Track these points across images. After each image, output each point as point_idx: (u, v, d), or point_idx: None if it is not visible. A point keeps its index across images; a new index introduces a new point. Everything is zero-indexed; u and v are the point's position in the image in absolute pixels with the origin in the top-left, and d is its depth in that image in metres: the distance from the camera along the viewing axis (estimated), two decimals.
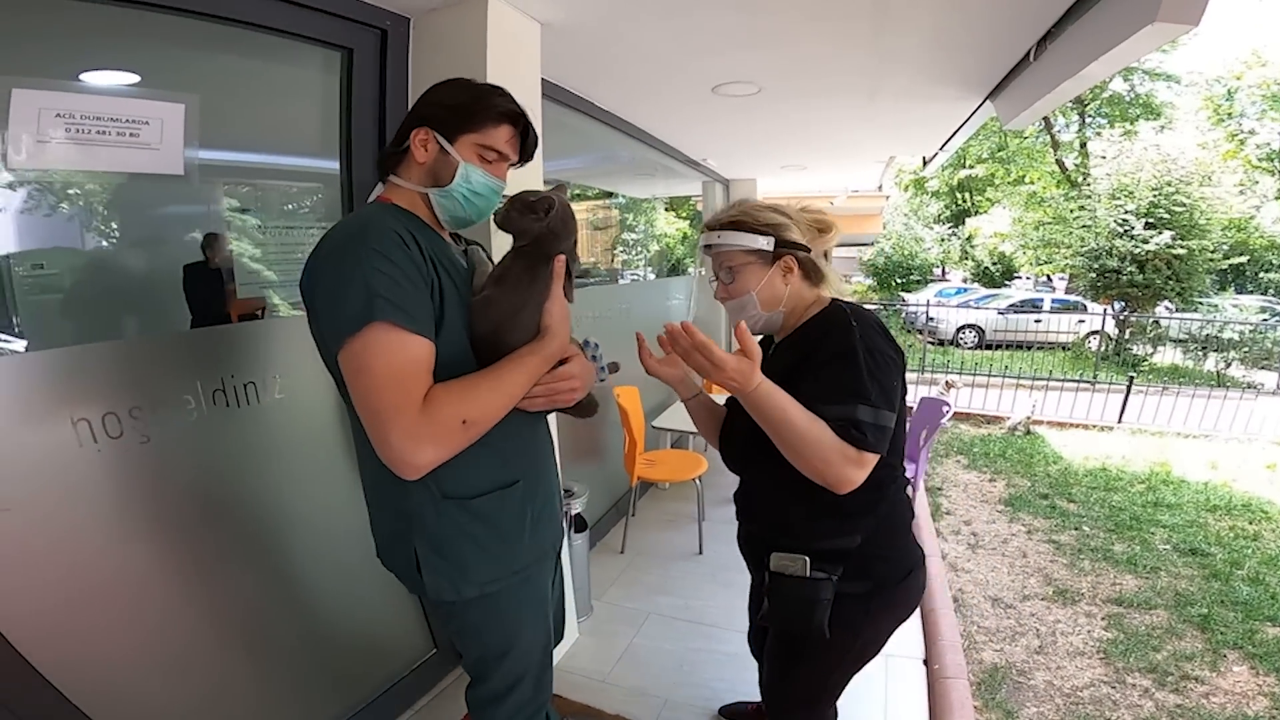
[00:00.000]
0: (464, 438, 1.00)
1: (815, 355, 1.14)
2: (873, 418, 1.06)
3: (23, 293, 1.25)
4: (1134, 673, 2.45)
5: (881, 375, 1.09)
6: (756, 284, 1.20)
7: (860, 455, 1.05)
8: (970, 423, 6.50)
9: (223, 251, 1.56)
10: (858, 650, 1.31)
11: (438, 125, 1.10)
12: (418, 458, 0.95)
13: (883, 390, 1.08)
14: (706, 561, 3.09)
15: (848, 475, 1.05)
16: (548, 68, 2.21)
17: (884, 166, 5.39)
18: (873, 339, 1.12)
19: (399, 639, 2.06)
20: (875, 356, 1.10)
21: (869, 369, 1.08)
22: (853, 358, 1.09)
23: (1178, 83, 15.36)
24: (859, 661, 1.33)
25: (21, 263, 1.25)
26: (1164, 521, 3.93)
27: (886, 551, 1.25)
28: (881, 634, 1.31)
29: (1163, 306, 11.09)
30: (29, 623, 1.19)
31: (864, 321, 1.15)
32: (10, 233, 1.22)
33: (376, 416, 0.93)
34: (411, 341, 0.96)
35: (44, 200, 1.26)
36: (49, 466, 1.21)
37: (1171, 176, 10.20)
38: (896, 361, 1.14)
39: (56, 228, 1.29)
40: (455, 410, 0.97)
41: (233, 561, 1.55)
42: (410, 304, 0.96)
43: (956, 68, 2.51)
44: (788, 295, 1.22)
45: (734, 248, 1.21)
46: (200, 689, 1.49)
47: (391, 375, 0.94)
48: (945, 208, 20.19)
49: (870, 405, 1.06)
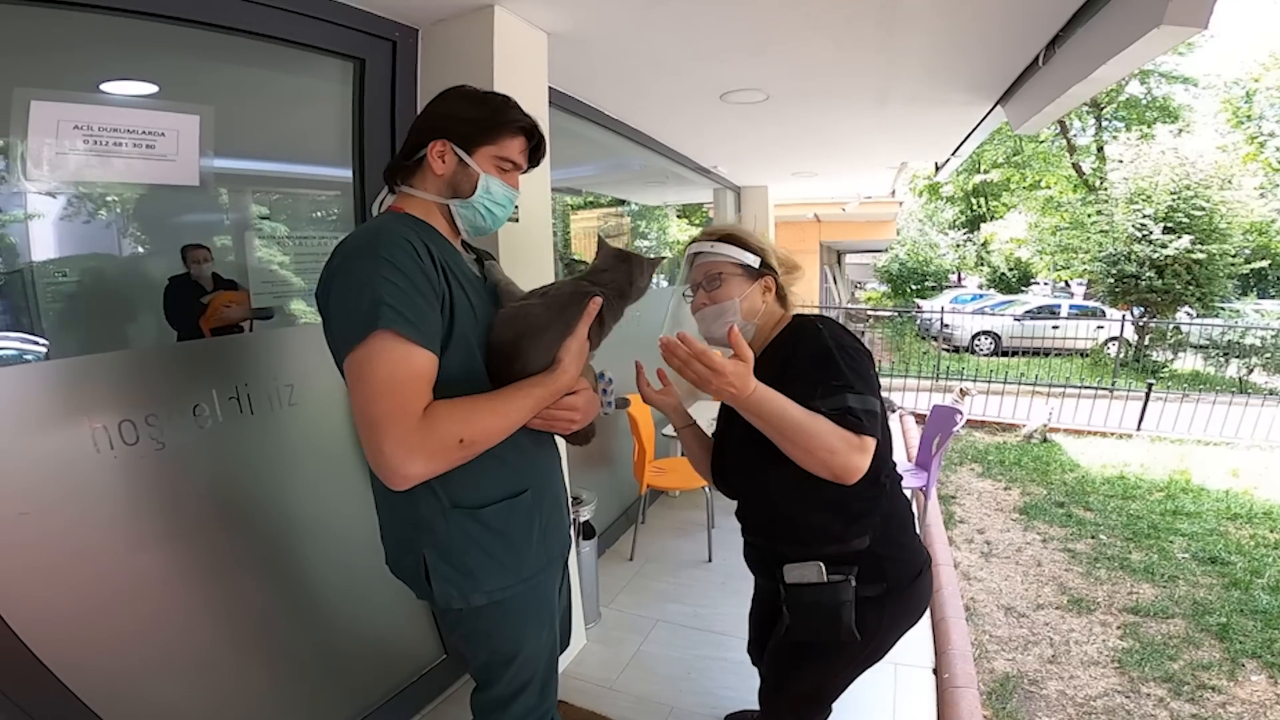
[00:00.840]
0: (459, 456, 1.00)
1: (793, 362, 1.20)
2: (861, 404, 1.11)
3: (45, 301, 1.29)
4: (1149, 682, 2.41)
5: (857, 365, 1.16)
6: (740, 293, 1.27)
7: (862, 440, 1.09)
8: (985, 430, 6.43)
9: (204, 262, 1.54)
10: (867, 654, 1.30)
11: (456, 138, 1.12)
12: (408, 468, 0.95)
13: (862, 378, 1.14)
14: (716, 569, 3.08)
15: (854, 461, 1.08)
16: (555, 76, 2.23)
17: (896, 172, 5.37)
18: (840, 336, 1.20)
19: (407, 644, 2.07)
20: (847, 350, 1.17)
21: (845, 361, 1.15)
22: (828, 354, 1.16)
23: (1195, 85, 15.18)
24: (864, 664, 1.33)
25: (45, 272, 1.28)
26: (1183, 530, 3.86)
27: (895, 551, 1.27)
28: (891, 638, 1.31)
29: (1183, 312, 10.91)
30: (44, 625, 1.21)
31: (829, 324, 1.24)
32: (35, 242, 1.26)
33: (372, 424, 0.94)
34: (414, 353, 0.96)
35: (67, 210, 1.30)
36: (67, 472, 1.24)
37: (1190, 180, 10.05)
38: (866, 353, 1.21)
39: (78, 237, 1.33)
40: (453, 428, 0.97)
41: (245, 567, 1.57)
42: (417, 315, 0.96)
43: (965, 72, 2.50)
44: (763, 311, 1.30)
45: (725, 258, 1.28)
46: (211, 692, 1.51)
47: (391, 384, 0.94)
48: (960, 213, 20.05)
49: (856, 393, 1.11)
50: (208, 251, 1.53)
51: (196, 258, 1.51)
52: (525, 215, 1.90)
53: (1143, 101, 15.07)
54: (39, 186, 1.23)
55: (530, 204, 1.90)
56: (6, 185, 1.20)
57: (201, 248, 1.52)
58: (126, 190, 1.39)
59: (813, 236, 12.74)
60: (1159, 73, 14.67)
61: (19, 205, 1.23)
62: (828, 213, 11.15)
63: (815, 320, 1.25)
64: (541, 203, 2.04)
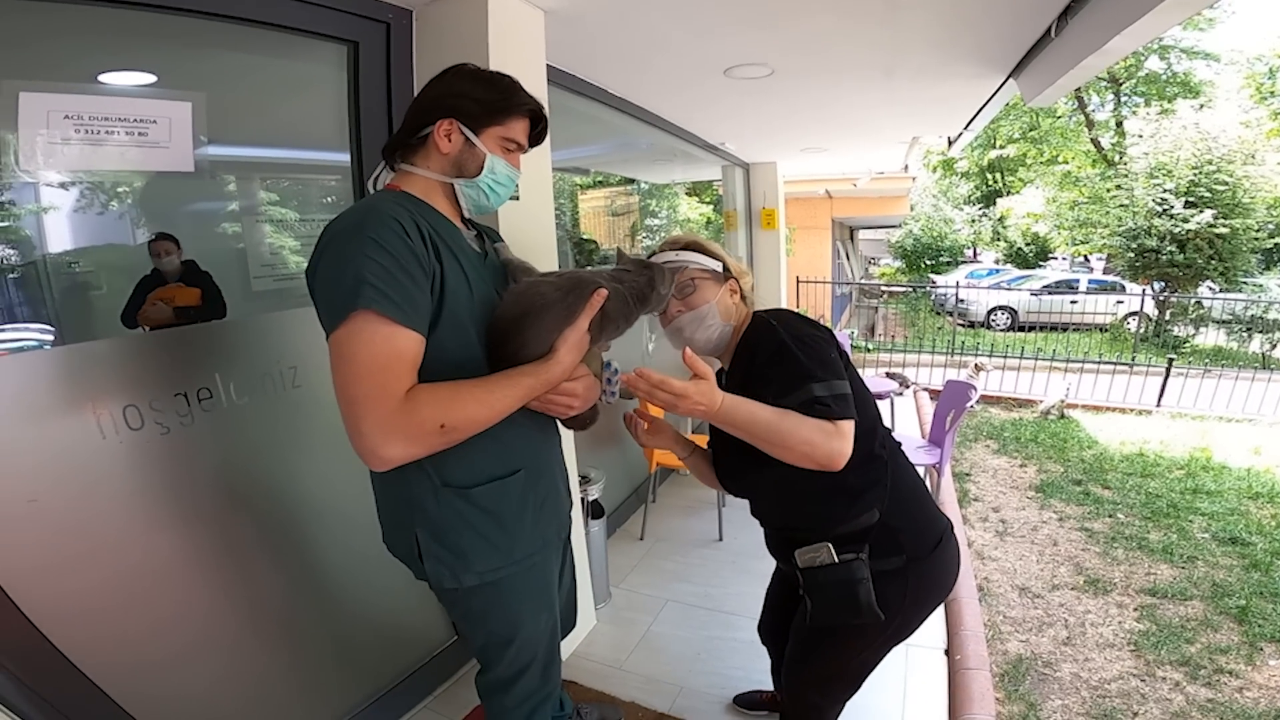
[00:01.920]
0: (440, 441, 0.99)
1: (754, 365, 1.22)
2: (827, 390, 1.11)
3: (60, 292, 1.29)
4: (1165, 665, 2.38)
5: (815, 352, 1.16)
6: (714, 296, 1.30)
7: (837, 426, 1.10)
8: (1001, 406, 6.35)
9: (165, 255, 1.45)
10: (893, 630, 1.29)
11: (464, 118, 1.11)
12: (386, 450, 0.95)
13: (823, 364, 1.15)
14: (726, 548, 3.08)
15: (835, 448, 1.09)
16: (555, 54, 2.20)
17: (907, 147, 5.27)
18: (794, 328, 1.21)
19: (418, 627, 2.09)
20: (803, 340, 1.18)
21: (803, 352, 1.16)
22: (784, 350, 1.17)
23: (1217, 61, 14.70)
24: (892, 641, 1.32)
25: (57, 262, 1.29)
26: (1203, 509, 3.79)
27: (908, 522, 1.26)
28: (919, 612, 1.30)
29: (1205, 286, 10.69)
30: (56, 610, 1.23)
31: (781, 319, 1.25)
32: (42, 232, 1.27)
33: (352, 404, 0.94)
34: (397, 333, 0.95)
35: (70, 200, 1.30)
36: (73, 458, 1.25)
37: (1212, 155, 9.81)
38: (823, 338, 1.21)
39: (81, 227, 1.33)
40: (435, 413, 0.96)
41: (253, 551, 1.59)
42: (401, 295, 0.95)
43: (975, 44, 2.43)
44: (734, 312, 1.34)
45: (694, 264, 1.31)
46: (220, 674, 1.53)
47: (372, 364, 0.93)
48: (975, 188, 19.71)
49: (819, 380, 1.12)
50: (173, 243, 1.46)
51: (158, 250, 1.44)
52: (526, 192, 1.88)
53: (1162, 77, 14.64)
54: (33, 177, 1.23)
55: (531, 181, 1.87)
56: (1, 178, 1.20)
57: (167, 239, 1.45)
58: (123, 179, 1.38)
59: (824, 212, 12.62)
60: (1179, 48, 14.24)
61: (25, 197, 1.23)
62: (839, 189, 11.03)
63: (769, 317, 1.27)
64: (542, 180, 2.02)
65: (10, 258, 1.23)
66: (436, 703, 2.06)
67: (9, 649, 1.18)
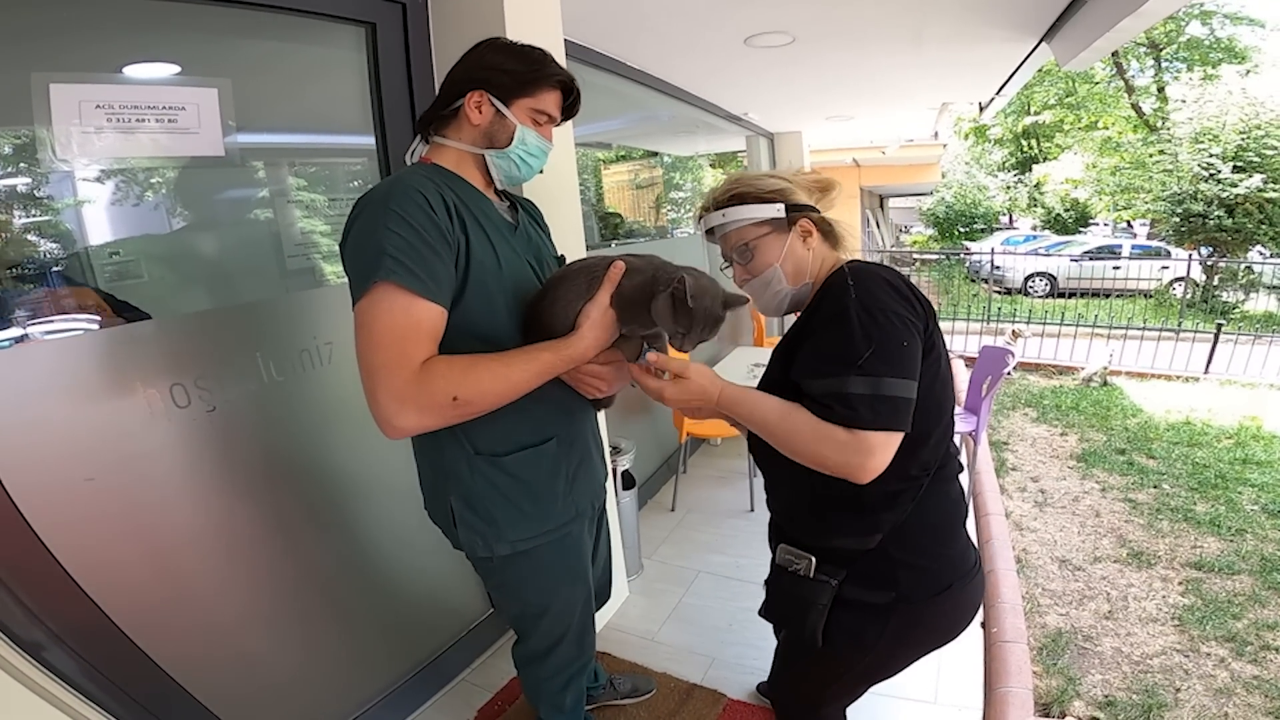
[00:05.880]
0: (454, 414, 0.99)
1: (808, 327, 1.03)
2: (869, 388, 0.89)
3: (104, 280, 1.32)
4: (1210, 641, 2.32)
5: (883, 336, 0.92)
6: (778, 255, 1.07)
7: (854, 435, 0.90)
8: (1040, 374, 6.18)
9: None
10: (862, 669, 1.15)
11: (494, 89, 1.12)
12: (400, 420, 0.96)
13: (885, 354, 0.91)
14: (758, 519, 3.06)
15: (851, 462, 0.90)
16: (573, 29, 2.17)
17: (937, 114, 5.13)
18: (874, 296, 0.95)
19: (458, 598, 2.13)
20: (875, 315, 0.93)
21: (865, 331, 0.92)
22: (843, 321, 0.93)
23: (1262, 26, 14.00)
24: (865, 680, 1.19)
25: (100, 253, 1.32)
26: (1253, 480, 3.65)
27: (916, 558, 1.06)
28: (901, 655, 1.14)
29: (1255, 251, 10.24)
30: (109, 579, 1.27)
31: (864, 279, 0.98)
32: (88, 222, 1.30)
33: (370, 373, 0.96)
34: (416, 304, 0.96)
35: (110, 189, 1.33)
36: (125, 437, 1.29)
37: (1260, 120, 9.44)
38: (904, 320, 0.94)
39: (126, 216, 1.37)
40: (448, 385, 0.97)
41: (299, 525, 1.63)
42: (421, 267, 0.96)
43: (1005, 7, 2.33)
44: (813, 262, 1.09)
45: (743, 222, 1.09)
46: (271, 645, 1.59)
47: (389, 334, 0.95)
48: (1010, 155, 19.14)
49: (865, 375, 0.90)
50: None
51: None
52: (549, 166, 1.86)
53: (1205, 43, 13.99)
54: (71, 167, 1.26)
55: (554, 155, 1.86)
56: (40, 169, 1.23)
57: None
58: (157, 167, 1.41)
59: (852, 181, 12.38)
60: (1222, 13, 13.58)
61: (63, 190, 1.27)
62: (867, 157, 10.78)
63: (850, 273, 1.00)
64: (566, 153, 2.01)
65: (53, 251, 1.26)
66: (475, 673, 2.11)
67: (73, 626, 1.22)
